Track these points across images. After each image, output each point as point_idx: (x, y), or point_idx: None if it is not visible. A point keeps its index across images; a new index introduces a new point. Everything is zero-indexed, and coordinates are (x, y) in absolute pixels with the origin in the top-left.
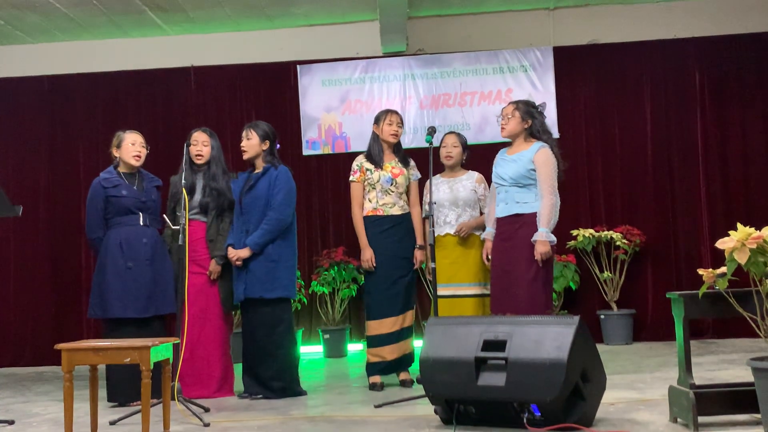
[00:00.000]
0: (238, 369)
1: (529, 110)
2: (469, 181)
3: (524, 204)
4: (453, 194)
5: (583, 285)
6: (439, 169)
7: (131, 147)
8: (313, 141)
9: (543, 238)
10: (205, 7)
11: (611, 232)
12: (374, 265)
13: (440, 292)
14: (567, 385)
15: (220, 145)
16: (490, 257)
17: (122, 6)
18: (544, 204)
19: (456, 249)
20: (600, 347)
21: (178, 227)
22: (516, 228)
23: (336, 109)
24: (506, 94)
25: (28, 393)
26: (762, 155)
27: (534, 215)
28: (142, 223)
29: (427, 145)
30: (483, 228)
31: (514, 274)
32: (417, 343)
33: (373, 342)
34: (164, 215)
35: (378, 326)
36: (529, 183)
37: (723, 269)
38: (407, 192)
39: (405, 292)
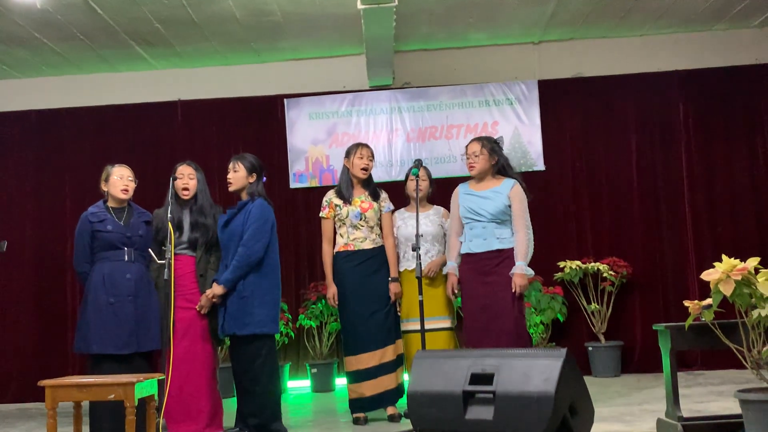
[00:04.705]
0: (227, 404)
1: (493, 147)
2: (437, 215)
3: (504, 239)
4: (421, 228)
5: (571, 317)
6: (405, 202)
7: (118, 181)
8: (301, 174)
9: (522, 271)
10: (192, 42)
11: (598, 263)
12: (337, 302)
13: (409, 326)
14: (555, 418)
15: (205, 178)
16: (456, 291)
17: (109, 41)
18: (520, 239)
19: (422, 283)
20: (588, 379)
21: (163, 261)
22: (497, 263)
23: (323, 142)
24: (492, 126)
25: (12, 430)
26: (747, 186)
27: (513, 250)
28: (126, 259)
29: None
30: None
31: (497, 309)
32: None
33: (352, 378)
34: (150, 250)
35: (356, 362)
36: (506, 219)
37: (709, 301)
38: (379, 225)
39: (382, 326)
